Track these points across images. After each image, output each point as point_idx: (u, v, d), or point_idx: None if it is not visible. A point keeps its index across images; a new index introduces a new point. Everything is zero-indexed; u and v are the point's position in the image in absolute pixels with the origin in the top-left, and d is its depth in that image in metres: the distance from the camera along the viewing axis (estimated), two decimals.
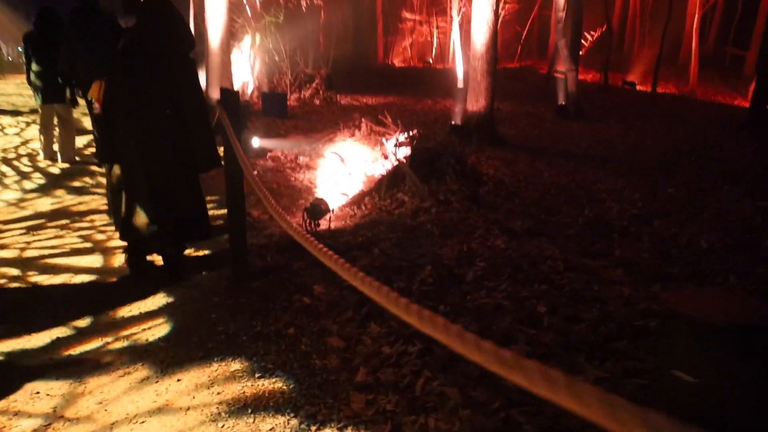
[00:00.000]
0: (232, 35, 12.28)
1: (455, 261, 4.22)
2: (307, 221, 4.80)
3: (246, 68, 13.40)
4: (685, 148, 10.26)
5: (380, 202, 5.96)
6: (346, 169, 7.68)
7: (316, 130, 10.89)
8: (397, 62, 39.07)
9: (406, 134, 7.08)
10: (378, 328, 3.26)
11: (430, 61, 37.08)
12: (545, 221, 5.47)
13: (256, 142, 8.38)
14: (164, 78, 3.65)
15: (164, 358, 3.02)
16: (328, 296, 3.69)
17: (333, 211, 5.08)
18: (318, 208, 4.69)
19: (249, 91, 13.40)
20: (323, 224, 4.93)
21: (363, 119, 8.23)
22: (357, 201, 5.91)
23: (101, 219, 5.41)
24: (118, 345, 3.15)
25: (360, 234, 4.87)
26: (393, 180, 6.27)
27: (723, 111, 16.77)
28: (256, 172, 7.33)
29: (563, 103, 13.74)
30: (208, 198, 6.18)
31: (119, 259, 4.33)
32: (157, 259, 4.18)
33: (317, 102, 14.99)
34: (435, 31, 37.91)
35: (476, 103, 9.49)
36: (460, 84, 17.13)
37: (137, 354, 3.06)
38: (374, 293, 1.27)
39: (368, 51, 33.85)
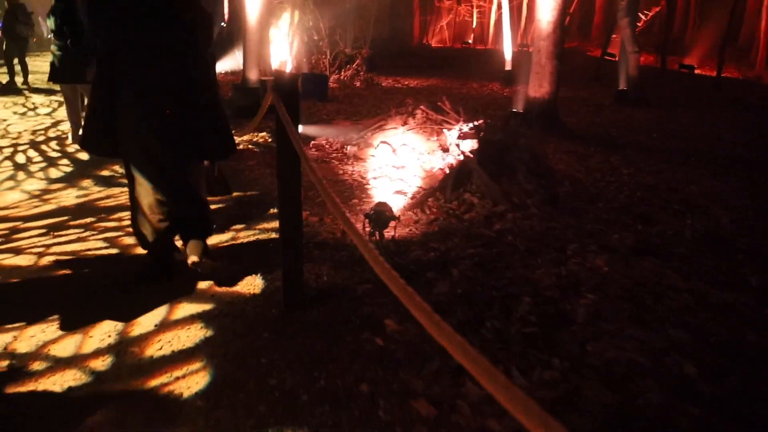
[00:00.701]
0: (269, 12, 11.48)
1: (557, 290, 3.40)
2: (369, 229, 4.04)
3: (284, 47, 12.62)
4: None
5: (445, 204, 5.15)
6: (399, 162, 6.87)
7: (361, 114, 10.08)
8: (434, 42, 37.85)
9: (469, 124, 6.21)
10: (477, 389, 2.49)
11: (470, 41, 35.73)
12: (645, 234, 4.59)
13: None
14: (169, 50, 3.15)
15: (204, 427, 2.31)
16: (405, 336, 2.93)
17: (399, 218, 4.29)
18: (383, 216, 3.91)
19: (288, 70, 12.61)
20: (387, 232, 4.15)
21: (419, 106, 7.39)
22: (419, 202, 5.11)
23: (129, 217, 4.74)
24: (144, 406, 2.45)
25: (431, 247, 4.09)
26: (458, 178, 5.44)
27: None
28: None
29: (623, 88, 12.61)
30: (246, 192, 5.48)
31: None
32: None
33: (358, 84, 14.16)
34: (474, 11, 36.44)
35: (539, 88, 8.54)
36: (508, 66, 16.09)
37: (169, 419, 2.35)
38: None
39: (404, 31, 32.76)
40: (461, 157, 5.83)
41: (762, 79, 19.08)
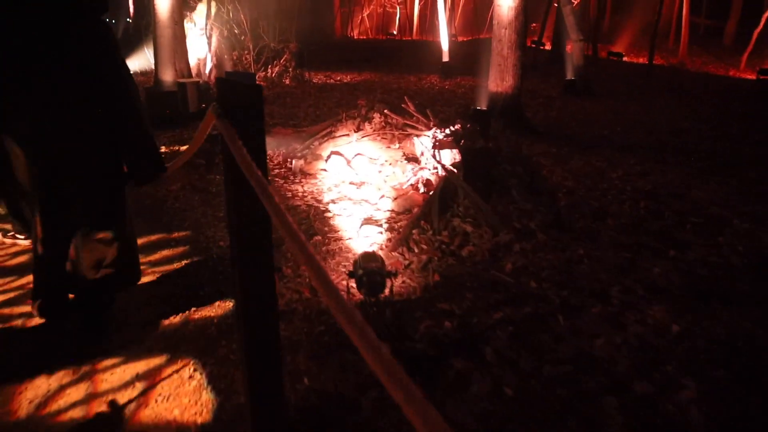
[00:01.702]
0: (182, 4, 9.90)
1: (639, 376, 2.43)
2: (354, 290, 2.91)
3: (202, 43, 11.05)
4: (734, 131, 8.80)
5: (435, 236, 4.08)
6: (358, 177, 5.74)
7: (298, 118, 8.82)
8: (356, 34, 36.69)
9: (442, 130, 5.18)
10: None
11: (395, 32, 34.88)
12: (684, 263, 3.75)
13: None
14: (71, 56, 2.35)
15: None
16: None
17: (396, 273, 3.19)
18: (376, 278, 2.79)
19: (207, 70, 11.09)
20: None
21: (375, 107, 6.27)
22: (403, 237, 4.01)
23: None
24: None
25: (442, 311, 3.01)
26: (443, 199, 4.39)
27: (726, 83, 15.56)
28: None
29: (571, 78, 12.09)
30: (172, 234, 4.14)
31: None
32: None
33: (287, 81, 12.81)
34: (397, 4, 35.62)
35: (501, 82, 7.66)
36: (446, 57, 15.29)
37: None
38: None
39: (326, 23, 31.38)
40: (439, 172, 4.79)
41: (685, 65, 19.47)
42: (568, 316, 2.96)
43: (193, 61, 10.57)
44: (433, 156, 4.91)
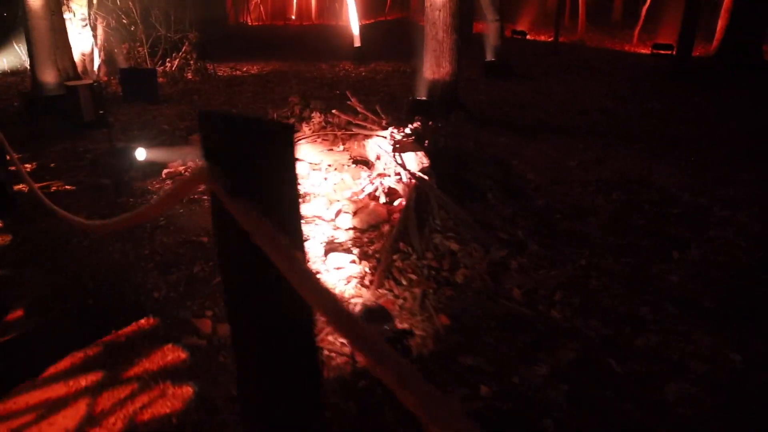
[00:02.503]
0: None
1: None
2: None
3: (85, 36, 9.55)
4: (656, 108, 8.93)
5: (420, 261, 3.46)
6: (303, 187, 4.98)
7: None
8: (252, 21, 34.87)
9: (398, 128, 4.54)
10: None
11: (293, 17, 33.50)
12: (694, 266, 3.44)
13: (141, 153, 5.27)
14: None
15: None
16: None
17: (411, 335, 2.54)
18: (395, 346, 2.14)
19: (95, 67, 9.63)
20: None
21: (309, 105, 5.49)
22: (385, 266, 3.35)
23: None
24: None
25: (466, 367, 2.42)
26: (417, 212, 3.78)
27: (627, 59, 16.18)
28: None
29: (491, 59, 11.87)
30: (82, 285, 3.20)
31: None
32: None
33: (189, 75, 11.54)
34: None
35: (438, 68, 7.13)
36: (357, 42, 14.61)
37: None
38: None
39: (218, 10, 29.43)
40: (404, 179, 4.17)
41: (584, 42, 20.12)
42: (616, 356, 2.47)
43: (76, 57, 9.09)
44: (395, 160, 4.28)
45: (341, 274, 3.37)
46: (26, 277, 3.52)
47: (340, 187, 4.95)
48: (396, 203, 4.29)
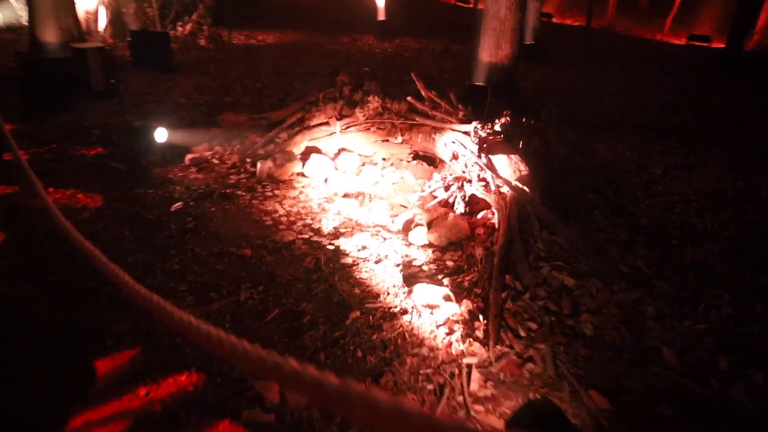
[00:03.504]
0: None
1: None
2: None
3: None
4: (717, 103, 8.12)
5: (533, 300, 2.69)
6: (353, 185, 4.19)
7: (236, 92, 6.92)
8: None
9: (483, 123, 3.73)
10: None
11: None
12: None
13: (161, 134, 4.44)
14: None
15: None
16: None
17: None
18: None
19: (100, 27, 8.68)
20: None
21: (364, 87, 4.65)
22: (496, 311, 2.58)
23: None
24: None
25: None
26: (509, 244, 3.00)
27: (662, 48, 15.29)
28: (179, 204, 3.60)
29: (531, 42, 10.98)
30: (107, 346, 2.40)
31: None
32: None
33: (202, 42, 10.58)
34: None
35: (497, 50, 6.28)
36: (382, 15, 13.61)
37: None
38: None
39: None
40: (501, 189, 3.38)
41: (614, 27, 19.16)
42: None
43: (80, 15, 8.13)
44: (481, 163, 3.48)
45: (436, 317, 2.61)
46: (25, 297, 2.74)
47: (400, 187, 4.17)
48: (480, 215, 3.52)
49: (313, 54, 10.68)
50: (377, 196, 4.06)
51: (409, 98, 4.22)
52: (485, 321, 2.49)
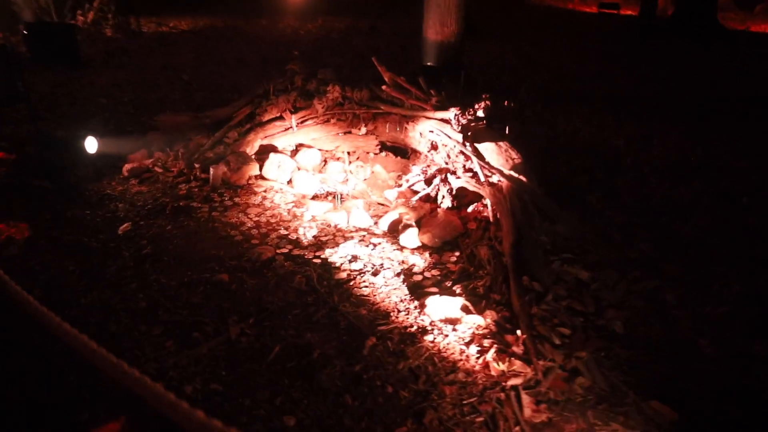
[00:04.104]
0: None
1: None
2: None
3: None
4: (649, 71, 8.36)
5: (557, 301, 2.49)
6: (320, 184, 3.82)
7: (160, 88, 6.24)
8: None
9: (462, 109, 3.45)
10: None
11: None
12: None
13: (91, 144, 3.83)
14: None
15: None
16: None
17: None
18: None
19: None
20: None
21: (319, 75, 4.24)
22: (523, 315, 2.35)
23: None
24: None
25: None
26: (519, 241, 2.77)
27: (580, 17, 15.71)
28: (127, 225, 3.11)
29: None
30: None
31: None
32: None
33: (109, 32, 9.59)
34: None
35: (443, 27, 6.03)
36: None
37: None
38: None
39: None
40: (479, 176, 3.15)
41: None
42: None
43: None
44: (475, 154, 3.22)
45: (460, 332, 2.34)
46: None
47: (372, 183, 3.85)
48: (470, 209, 3.27)
49: (234, 39, 9.99)
50: (350, 196, 3.72)
51: (385, 86, 3.87)
52: (519, 333, 2.26)
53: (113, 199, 3.65)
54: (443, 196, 3.37)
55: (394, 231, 3.22)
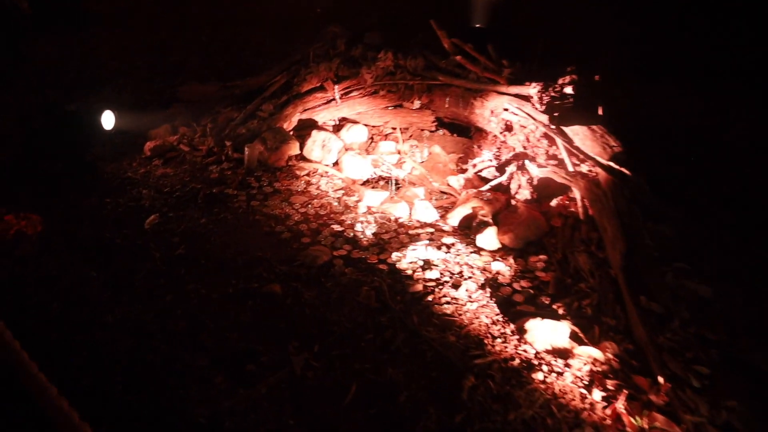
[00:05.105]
0: None
1: None
2: None
3: None
4: None
5: (684, 327, 2.05)
6: (377, 169, 3.34)
7: (178, 50, 5.68)
8: None
9: (537, 83, 2.94)
10: None
11: None
12: None
13: (108, 119, 3.35)
14: None
15: None
16: None
17: None
18: None
19: None
20: None
21: (367, 39, 3.70)
22: (651, 350, 1.92)
23: None
24: None
25: None
26: (630, 251, 2.31)
27: None
28: (155, 217, 2.68)
29: None
30: None
31: None
32: None
33: None
34: None
35: None
36: None
37: None
38: None
39: None
40: (567, 165, 2.67)
41: None
42: None
43: None
44: (562, 137, 2.72)
45: (575, 368, 1.91)
46: None
47: (430, 165, 3.37)
48: (554, 202, 2.80)
49: None
50: (407, 181, 3.24)
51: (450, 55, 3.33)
52: (661, 381, 1.81)
53: (136, 184, 3.18)
54: (519, 186, 2.89)
55: (467, 228, 2.77)
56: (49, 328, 2.11)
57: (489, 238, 2.62)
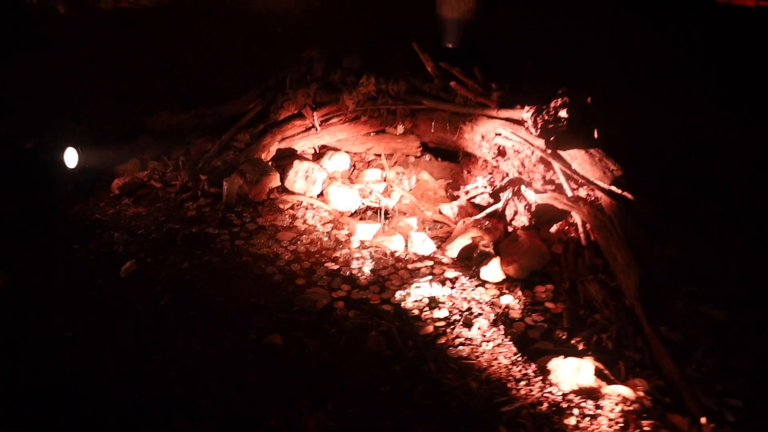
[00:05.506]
0: None
1: None
2: None
3: None
4: None
5: (706, 357, 2.00)
6: (367, 200, 3.21)
7: (139, 75, 5.41)
8: None
9: (530, 106, 2.88)
10: None
11: None
12: None
13: (71, 156, 3.09)
14: None
15: None
16: None
17: None
18: None
19: None
20: None
21: (346, 62, 3.56)
22: (685, 386, 1.86)
23: None
24: None
25: None
26: (645, 280, 2.26)
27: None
28: (131, 264, 2.47)
29: None
30: None
31: None
32: None
33: (61, 9, 8.46)
34: None
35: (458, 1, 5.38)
36: None
37: None
38: None
39: None
40: (566, 190, 2.61)
41: None
42: None
43: None
44: (559, 162, 2.67)
45: (607, 410, 1.82)
46: None
47: (419, 193, 3.26)
48: (554, 229, 2.73)
49: (205, 16, 9.01)
50: (396, 211, 3.12)
51: (437, 79, 3.23)
52: (704, 422, 1.74)
53: (106, 227, 2.94)
54: (515, 212, 2.81)
55: (467, 259, 2.67)
56: (18, 402, 1.88)
57: (493, 270, 2.53)
